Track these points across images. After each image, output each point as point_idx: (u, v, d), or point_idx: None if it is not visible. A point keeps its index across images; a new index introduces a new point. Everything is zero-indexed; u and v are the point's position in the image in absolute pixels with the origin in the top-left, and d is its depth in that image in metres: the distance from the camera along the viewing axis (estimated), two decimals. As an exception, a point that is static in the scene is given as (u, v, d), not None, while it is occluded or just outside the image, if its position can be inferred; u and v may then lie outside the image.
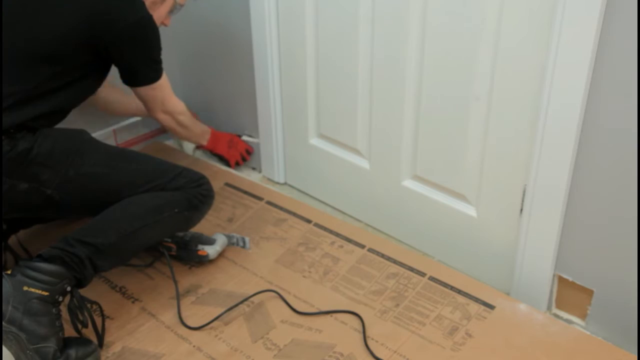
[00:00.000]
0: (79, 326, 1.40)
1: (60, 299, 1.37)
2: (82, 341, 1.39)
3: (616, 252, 1.44)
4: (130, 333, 1.50)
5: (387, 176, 1.84)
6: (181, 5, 1.73)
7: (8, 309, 1.30)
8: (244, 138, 2.17)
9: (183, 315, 1.54)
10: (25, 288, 1.32)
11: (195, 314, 1.55)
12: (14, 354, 1.30)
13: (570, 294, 1.56)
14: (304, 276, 1.66)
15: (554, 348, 1.42)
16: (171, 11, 1.71)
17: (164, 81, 1.70)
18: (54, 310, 1.35)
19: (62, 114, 1.56)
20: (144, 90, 1.68)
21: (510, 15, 1.42)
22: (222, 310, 1.54)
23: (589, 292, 1.52)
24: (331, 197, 2.04)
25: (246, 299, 1.57)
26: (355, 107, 1.82)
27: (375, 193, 1.89)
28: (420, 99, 1.66)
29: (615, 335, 1.48)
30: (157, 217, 1.53)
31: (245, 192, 1.99)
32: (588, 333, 1.51)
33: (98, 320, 1.46)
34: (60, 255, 1.38)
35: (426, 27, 1.57)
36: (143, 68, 1.64)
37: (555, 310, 1.61)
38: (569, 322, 1.57)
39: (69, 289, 1.38)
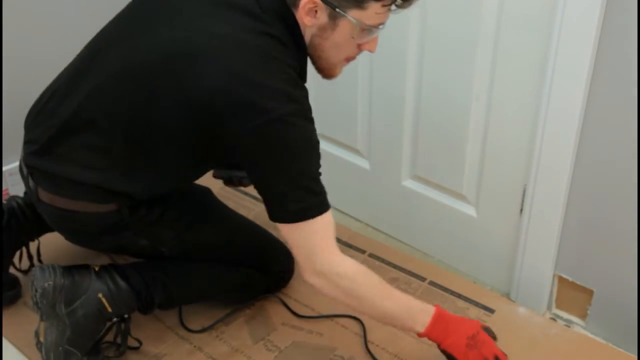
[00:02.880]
0: (113, 349, 1.41)
1: (115, 320, 1.37)
2: (94, 351, 1.38)
3: (616, 252, 1.44)
4: (132, 333, 1.49)
5: (387, 176, 1.84)
6: (375, 27, 1.18)
7: (76, 303, 1.31)
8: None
9: (184, 315, 1.54)
10: (100, 295, 1.32)
11: (196, 314, 1.55)
12: (48, 343, 1.31)
13: (570, 294, 1.56)
14: (304, 280, 1.66)
15: (553, 351, 1.42)
16: (358, 35, 1.18)
17: (318, 224, 1.19)
18: (102, 325, 1.36)
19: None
20: (282, 227, 1.21)
21: (510, 15, 1.42)
22: (223, 311, 1.54)
23: (589, 292, 1.52)
24: (331, 197, 2.01)
25: (247, 303, 1.57)
26: (355, 107, 1.82)
27: (375, 193, 1.89)
28: (420, 99, 1.66)
29: (615, 335, 1.49)
30: (235, 293, 1.55)
31: (246, 194, 1.98)
32: (588, 334, 1.51)
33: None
34: (140, 289, 1.37)
35: (426, 26, 1.57)
36: (274, 192, 1.18)
37: (555, 311, 1.61)
38: (569, 322, 1.57)
39: (126, 316, 1.38)
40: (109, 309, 1.34)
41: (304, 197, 1.18)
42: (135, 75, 1.20)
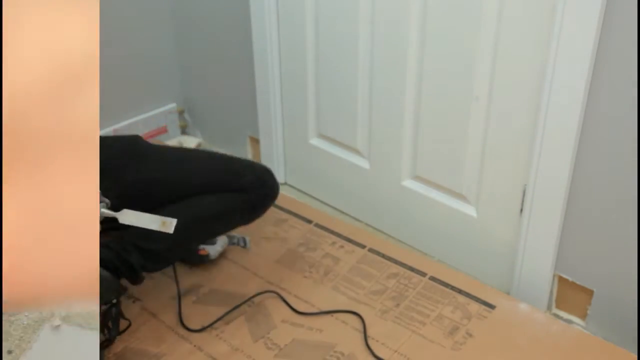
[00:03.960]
0: (105, 333, 1.39)
1: (102, 308, 1.35)
2: None
3: (616, 252, 1.44)
4: (131, 333, 1.49)
5: (387, 176, 1.84)
6: None
7: None
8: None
9: (183, 315, 1.54)
10: None
11: (196, 314, 1.55)
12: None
13: (570, 294, 1.56)
14: (304, 276, 1.67)
15: (554, 348, 1.42)
16: None
17: None
18: None
19: None
20: None
21: (510, 15, 1.42)
22: (223, 310, 1.54)
23: (589, 292, 1.52)
24: (331, 197, 2.04)
25: (247, 300, 1.58)
26: (355, 107, 1.83)
27: (375, 193, 1.89)
28: (420, 99, 1.67)
29: (615, 335, 1.49)
30: (217, 224, 1.51)
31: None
32: (588, 333, 1.51)
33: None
34: (113, 261, 1.35)
35: (426, 27, 1.58)
36: None
37: (555, 310, 1.61)
38: (569, 322, 1.57)
39: (114, 301, 1.36)
40: None
41: None
42: None
